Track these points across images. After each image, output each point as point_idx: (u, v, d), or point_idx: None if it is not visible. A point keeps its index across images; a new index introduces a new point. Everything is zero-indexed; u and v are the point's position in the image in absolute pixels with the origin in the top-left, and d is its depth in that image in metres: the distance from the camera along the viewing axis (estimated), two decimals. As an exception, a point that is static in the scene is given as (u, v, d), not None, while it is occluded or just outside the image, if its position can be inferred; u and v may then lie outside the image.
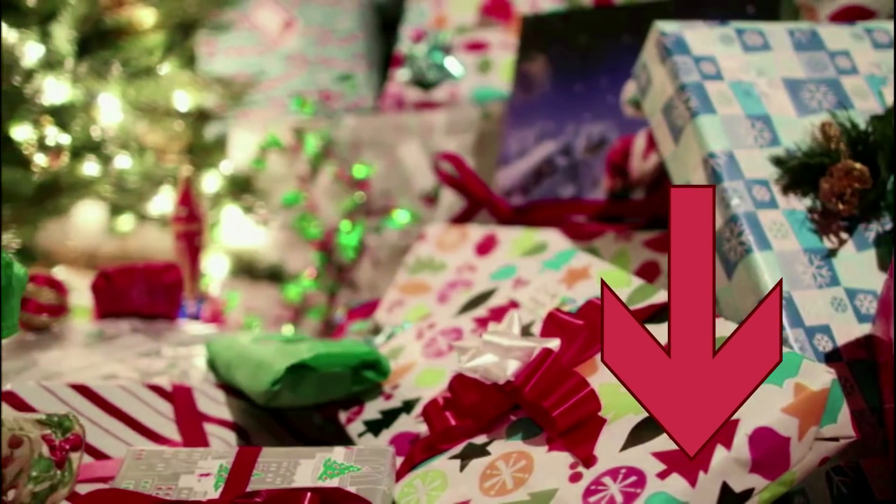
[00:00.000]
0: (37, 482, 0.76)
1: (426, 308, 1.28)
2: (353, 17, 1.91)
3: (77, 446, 0.78)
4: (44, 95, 1.51)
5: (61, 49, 1.49)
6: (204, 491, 0.89)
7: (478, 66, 1.68)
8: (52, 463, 0.77)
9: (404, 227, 1.60)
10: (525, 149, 1.41)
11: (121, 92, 1.57)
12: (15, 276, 0.91)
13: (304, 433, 1.17)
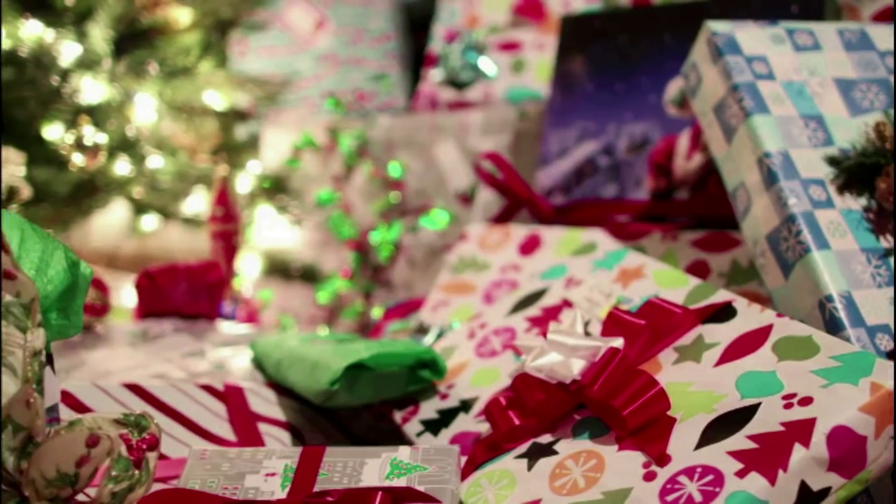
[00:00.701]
0: (116, 482, 0.76)
1: (472, 307, 1.28)
2: (385, 17, 1.91)
3: (153, 446, 0.78)
4: (81, 95, 1.51)
5: (98, 48, 1.49)
6: (271, 491, 0.89)
7: (511, 65, 1.68)
8: (131, 463, 0.77)
9: (443, 227, 1.60)
10: (566, 148, 1.41)
11: (157, 91, 1.57)
12: (81, 275, 0.92)
13: (356, 433, 1.17)
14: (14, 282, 0.79)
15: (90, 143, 1.47)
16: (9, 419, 0.79)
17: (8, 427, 0.79)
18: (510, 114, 1.59)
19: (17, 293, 0.79)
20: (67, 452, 0.77)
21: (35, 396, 0.78)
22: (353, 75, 1.90)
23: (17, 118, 1.54)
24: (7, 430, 0.79)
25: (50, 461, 0.77)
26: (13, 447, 0.79)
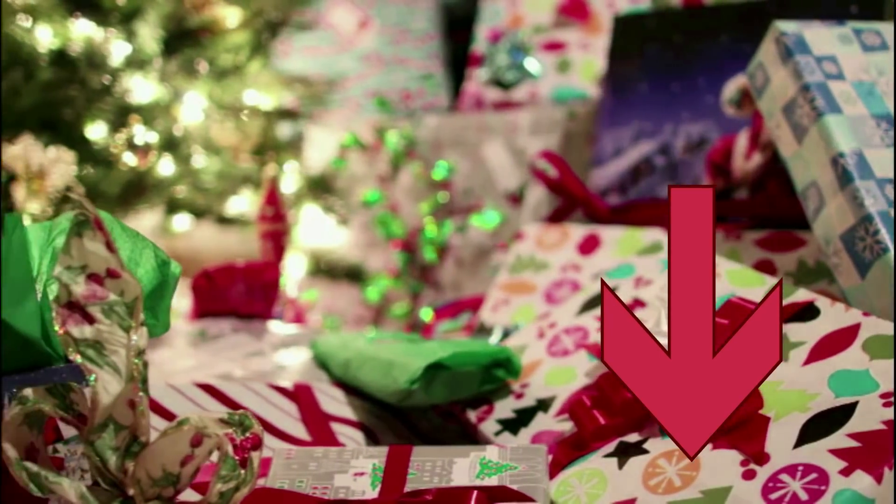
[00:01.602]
0: (224, 481, 0.76)
1: (533, 307, 1.28)
2: (428, 17, 1.91)
3: (257, 445, 0.78)
4: (131, 94, 1.51)
5: (147, 48, 1.48)
6: (362, 490, 0.89)
7: (557, 65, 1.68)
8: (237, 462, 0.77)
9: (494, 227, 1.60)
10: (620, 148, 1.41)
11: (207, 91, 1.56)
12: (171, 274, 0.91)
13: (424, 432, 1.16)
14: (118, 280, 0.78)
15: (141, 143, 1.47)
16: (110, 419, 0.79)
17: (109, 426, 0.79)
18: (559, 114, 1.59)
19: (121, 292, 0.79)
20: (173, 452, 0.77)
21: (140, 396, 0.77)
22: (397, 75, 1.90)
23: (64, 118, 1.53)
24: (109, 430, 0.79)
25: (157, 461, 0.77)
26: (115, 447, 0.79)
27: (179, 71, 1.54)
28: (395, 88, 1.89)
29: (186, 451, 0.77)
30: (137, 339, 0.78)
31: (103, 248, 0.78)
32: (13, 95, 1.50)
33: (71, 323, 0.78)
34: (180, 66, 1.54)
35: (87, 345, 0.78)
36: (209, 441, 0.78)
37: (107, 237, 0.78)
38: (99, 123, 1.57)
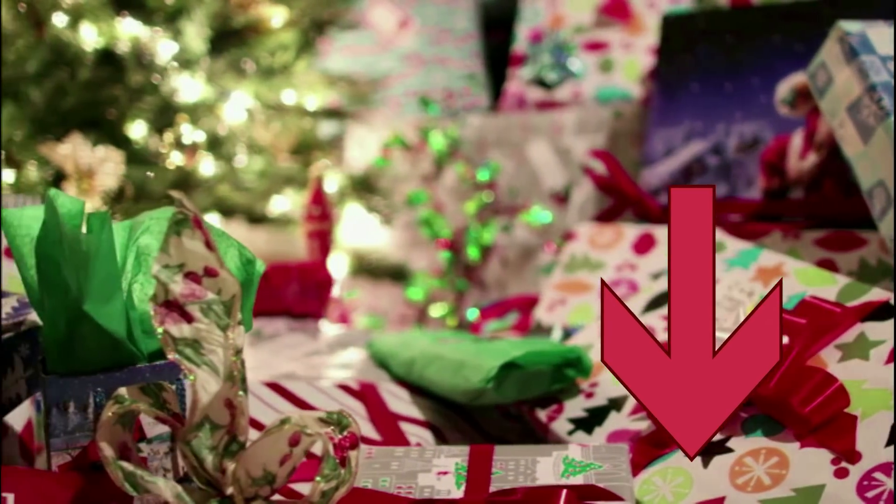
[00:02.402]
0: (326, 481, 0.76)
1: (590, 306, 1.28)
2: (468, 17, 1.90)
3: (355, 444, 0.78)
4: (178, 93, 1.50)
5: (194, 46, 1.48)
6: (447, 489, 0.89)
7: (599, 65, 1.68)
8: (337, 462, 0.77)
9: (544, 226, 1.60)
10: (672, 148, 1.41)
11: (254, 91, 1.56)
12: (256, 272, 0.91)
13: (488, 430, 1.16)
14: (215, 279, 0.78)
15: (188, 142, 1.47)
16: (207, 418, 0.78)
17: (206, 426, 0.79)
18: (604, 113, 1.59)
19: (219, 290, 0.78)
20: (274, 451, 0.76)
21: (239, 395, 0.77)
22: (437, 75, 1.90)
23: (108, 117, 1.53)
24: (205, 429, 0.79)
25: (258, 460, 0.76)
26: (212, 446, 0.78)
27: (227, 70, 1.53)
28: (436, 88, 1.88)
29: (285, 450, 0.77)
30: (235, 337, 0.78)
31: (202, 247, 0.78)
32: (58, 95, 1.49)
33: (169, 322, 0.77)
34: (228, 65, 1.54)
35: (186, 344, 0.77)
36: (307, 440, 0.77)
37: (206, 235, 0.78)
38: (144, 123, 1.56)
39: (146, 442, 0.89)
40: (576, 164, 1.60)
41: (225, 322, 0.78)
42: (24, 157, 1.38)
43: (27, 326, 0.97)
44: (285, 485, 0.81)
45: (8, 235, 0.91)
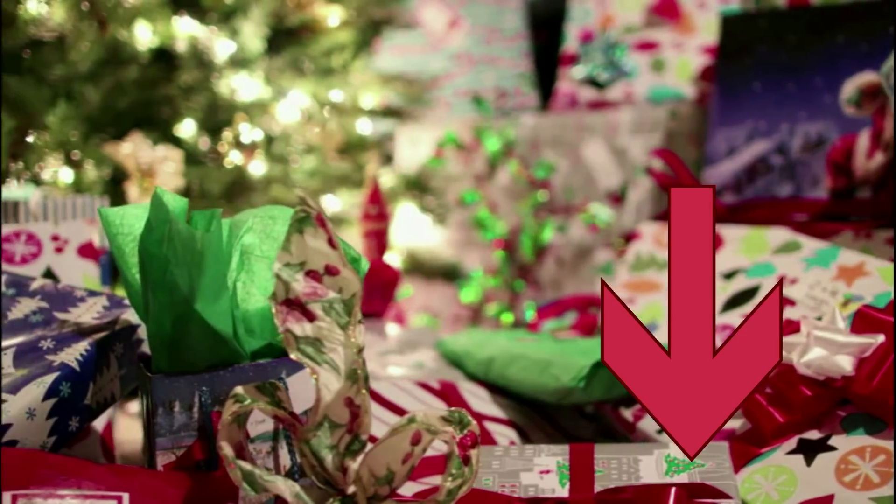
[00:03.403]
0: (453, 479, 0.75)
1: (660, 305, 1.28)
2: (518, 17, 1.90)
3: (475, 443, 0.78)
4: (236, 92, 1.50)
5: (251, 45, 1.47)
6: (551, 488, 0.89)
7: (650, 65, 1.68)
8: (461, 461, 0.76)
9: (604, 225, 1.59)
10: (734, 148, 1.42)
11: (311, 90, 1.55)
12: (361, 270, 0.91)
13: (569, 430, 1.16)
14: (336, 277, 0.78)
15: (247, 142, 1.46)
16: (326, 417, 0.78)
17: (324, 425, 0.79)
18: (660, 113, 1.59)
19: (340, 289, 0.78)
20: (398, 450, 0.76)
21: (361, 394, 0.77)
22: (487, 74, 1.89)
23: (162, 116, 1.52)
24: (324, 428, 0.78)
25: (382, 459, 0.76)
26: (331, 445, 0.78)
27: (286, 69, 1.53)
28: (485, 88, 1.87)
29: (408, 449, 0.77)
30: (356, 336, 0.78)
31: (325, 245, 0.78)
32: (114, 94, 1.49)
33: (291, 320, 0.77)
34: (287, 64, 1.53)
35: (307, 342, 0.77)
36: (427, 438, 0.77)
37: (329, 233, 0.78)
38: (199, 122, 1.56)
39: (249, 441, 0.89)
40: (631, 163, 1.60)
41: (345, 320, 0.78)
42: (85, 157, 1.37)
43: (121, 326, 0.97)
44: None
45: (108, 234, 0.91)
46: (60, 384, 0.89)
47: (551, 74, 1.85)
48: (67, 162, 1.40)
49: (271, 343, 0.91)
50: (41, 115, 1.35)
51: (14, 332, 0.95)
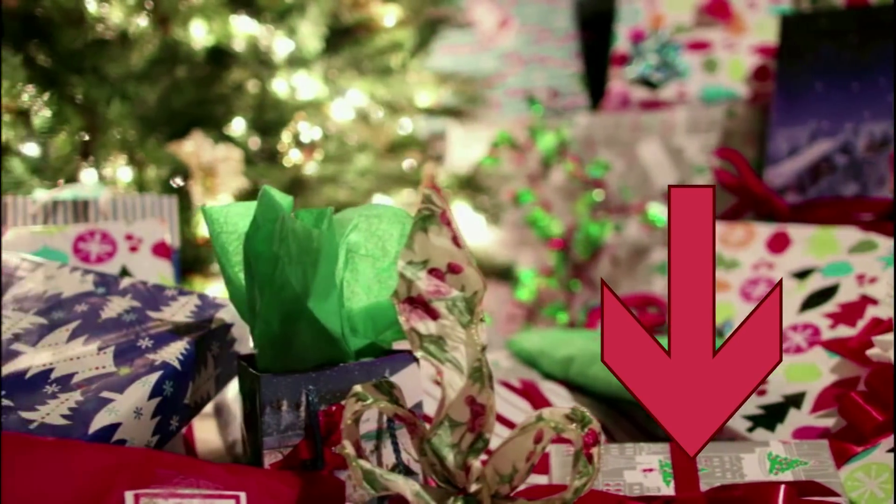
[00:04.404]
0: (580, 477, 0.75)
1: (731, 305, 1.29)
2: (568, 16, 1.90)
3: (597, 441, 0.78)
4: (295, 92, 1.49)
5: (308, 45, 1.47)
6: (656, 486, 0.89)
7: (703, 65, 1.68)
8: (586, 458, 0.76)
9: (664, 223, 1.59)
10: (796, 147, 1.42)
11: (369, 89, 1.55)
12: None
13: (647, 428, 1.16)
14: (459, 276, 0.78)
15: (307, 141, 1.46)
16: (447, 416, 0.78)
17: (445, 423, 0.78)
18: (716, 113, 1.60)
19: (462, 287, 0.78)
20: (523, 448, 0.76)
21: (484, 393, 0.77)
22: (537, 74, 1.89)
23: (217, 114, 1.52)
24: (444, 427, 0.78)
25: (508, 457, 0.76)
26: (452, 443, 0.78)
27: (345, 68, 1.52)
28: (536, 87, 1.87)
29: (531, 447, 0.77)
30: (478, 334, 0.78)
31: (449, 243, 0.78)
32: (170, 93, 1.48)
33: (415, 318, 0.77)
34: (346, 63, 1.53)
35: (431, 340, 0.77)
36: (548, 436, 0.77)
37: (454, 232, 0.78)
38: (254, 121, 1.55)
39: (354, 440, 0.88)
40: (688, 163, 1.61)
41: (467, 319, 0.78)
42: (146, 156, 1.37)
43: (216, 325, 0.96)
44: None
45: (212, 232, 0.91)
46: (164, 383, 0.88)
47: (598, 74, 1.85)
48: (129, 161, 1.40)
49: (373, 342, 0.91)
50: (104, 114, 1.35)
51: (108, 331, 0.95)
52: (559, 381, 1.17)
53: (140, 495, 0.76)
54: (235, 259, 0.90)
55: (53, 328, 0.95)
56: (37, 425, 0.83)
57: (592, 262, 1.67)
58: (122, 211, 1.28)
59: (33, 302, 0.99)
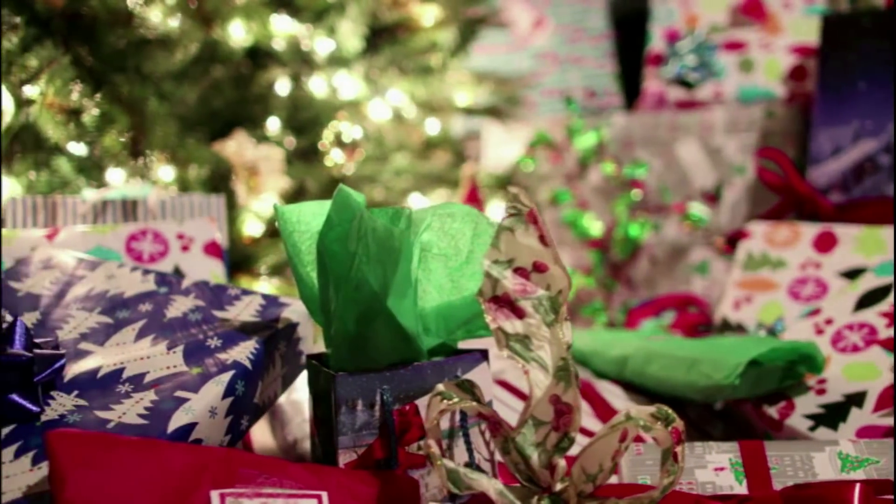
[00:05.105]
0: (669, 475, 0.75)
1: (780, 304, 1.29)
2: (602, 16, 1.90)
3: (681, 439, 0.78)
4: (336, 91, 1.49)
5: (348, 44, 1.47)
6: (728, 485, 0.89)
7: (739, 65, 1.69)
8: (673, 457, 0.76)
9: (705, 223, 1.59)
10: (840, 147, 1.42)
11: (409, 89, 1.55)
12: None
13: (701, 426, 1.16)
14: (544, 274, 0.78)
15: (347, 140, 1.46)
16: (531, 415, 0.78)
17: (529, 422, 0.78)
18: (755, 112, 1.60)
19: (547, 286, 0.78)
20: (610, 446, 0.76)
21: (571, 391, 0.77)
22: (572, 74, 1.89)
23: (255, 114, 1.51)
24: (528, 426, 0.78)
25: (596, 456, 0.76)
26: (536, 442, 0.78)
27: (386, 68, 1.52)
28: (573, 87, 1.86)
29: (616, 446, 0.77)
30: (563, 333, 0.78)
31: (536, 242, 0.77)
32: (210, 93, 1.48)
33: (501, 317, 0.77)
34: (388, 62, 1.53)
35: (517, 339, 0.77)
36: (632, 435, 0.77)
37: (541, 230, 0.77)
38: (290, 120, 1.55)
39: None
40: (726, 163, 1.61)
41: (551, 318, 0.78)
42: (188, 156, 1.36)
43: (283, 324, 0.96)
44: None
45: (283, 231, 0.90)
46: (236, 382, 0.88)
47: (630, 74, 1.85)
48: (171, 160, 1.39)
49: (444, 342, 0.91)
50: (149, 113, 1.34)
51: (174, 331, 0.94)
52: (613, 381, 1.17)
53: (225, 495, 0.76)
54: (308, 258, 0.90)
55: (119, 328, 0.95)
56: (114, 425, 0.82)
57: (631, 261, 1.67)
58: (170, 210, 1.28)
59: (96, 301, 0.99)
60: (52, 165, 1.29)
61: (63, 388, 0.87)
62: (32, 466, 0.78)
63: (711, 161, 1.62)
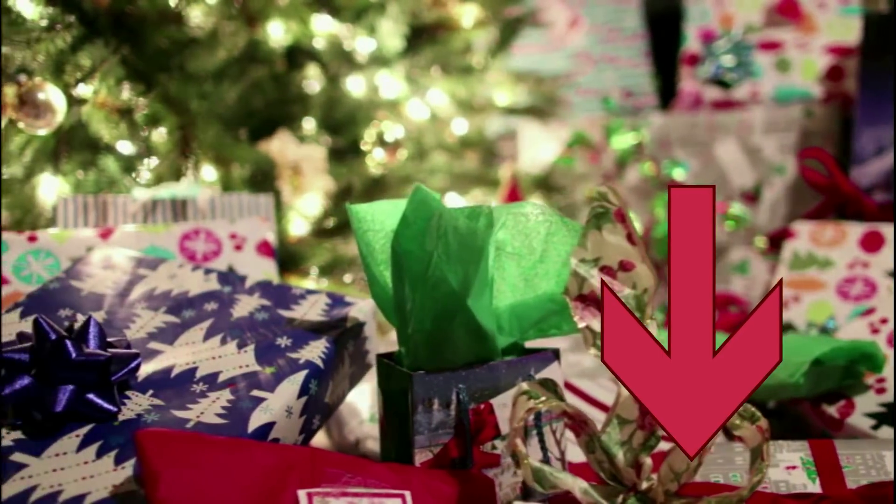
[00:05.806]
0: (757, 473, 0.75)
1: (828, 303, 1.29)
2: (636, 16, 1.90)
3: (766, 438, 0.78)
4: (377, 91, 1.49)
5: (389, 44, 1.47)
6: (802, 483, 0.89)
7: (775, 64, 1.69)
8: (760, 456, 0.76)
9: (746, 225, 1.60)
10: (883, 147, 1.43)
11: (449, 88, 1.55)
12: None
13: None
14: (630, 273, 0.78)
15: (391, 140, 1.46)
16: (616, 414, 0.78)
17: (613, 421, 0.79)
18: (794, 112, 1.60)
19: (633, 284, 0.78)
20: (698, 445, 0.76)
21: (657, 389, 0.77)
22: (608, 74, 1.89)
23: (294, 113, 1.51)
24: (613, 424, 0.78)
25: (683, 455, 0.76)
26: (621, 441, 0.78)
27: (427, 67, 1.52)
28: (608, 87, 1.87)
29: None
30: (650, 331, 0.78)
31: (623, 240, 0.78)
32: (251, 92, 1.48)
33: (589, 316, 0.77)
34: (429, 62, 1.52)
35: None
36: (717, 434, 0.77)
37: (628, 228, 0.78)
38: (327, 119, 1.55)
39: (501, 439, 0.88)
40: (766, 162, 1.61)
41: (637, 317, 0.78)
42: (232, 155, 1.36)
43: (351, 323, 0.96)
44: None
45: (357, 230, 0.90)
46: (310, 382, 0.88)
47: (663, 73, 1.85)
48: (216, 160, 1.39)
49: (515, 341, 0.91)
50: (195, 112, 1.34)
51: (243, 330, 0.94)
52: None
53: (313, 494, 0.76)
54: (381, 257, 0.89)
55: (187, 327, 0.95)
56: (193, 424, 0.82)
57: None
58: (219, 210, 1.27)
59: (161, 300, 0.99)
60: (100, 165, 1.29)
61: (137, 388, 0.87)
62: (116, 466, 0.78)
63: (750, 161, 1.62)
